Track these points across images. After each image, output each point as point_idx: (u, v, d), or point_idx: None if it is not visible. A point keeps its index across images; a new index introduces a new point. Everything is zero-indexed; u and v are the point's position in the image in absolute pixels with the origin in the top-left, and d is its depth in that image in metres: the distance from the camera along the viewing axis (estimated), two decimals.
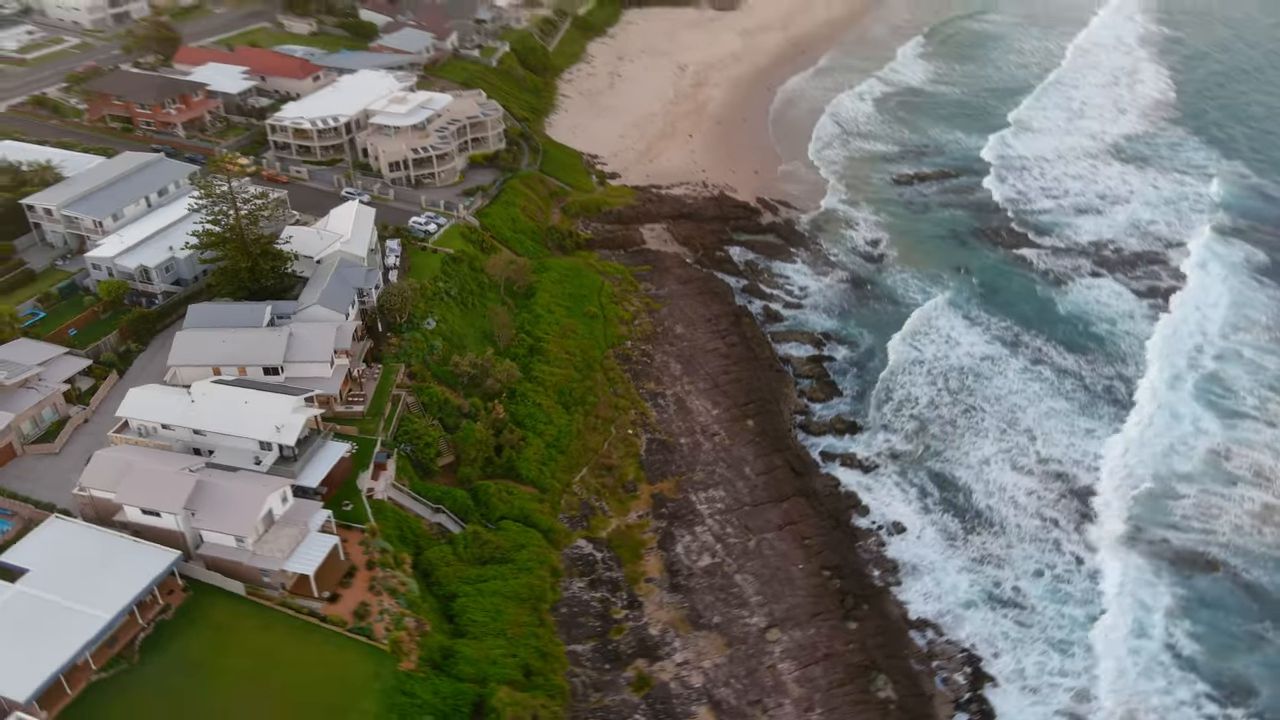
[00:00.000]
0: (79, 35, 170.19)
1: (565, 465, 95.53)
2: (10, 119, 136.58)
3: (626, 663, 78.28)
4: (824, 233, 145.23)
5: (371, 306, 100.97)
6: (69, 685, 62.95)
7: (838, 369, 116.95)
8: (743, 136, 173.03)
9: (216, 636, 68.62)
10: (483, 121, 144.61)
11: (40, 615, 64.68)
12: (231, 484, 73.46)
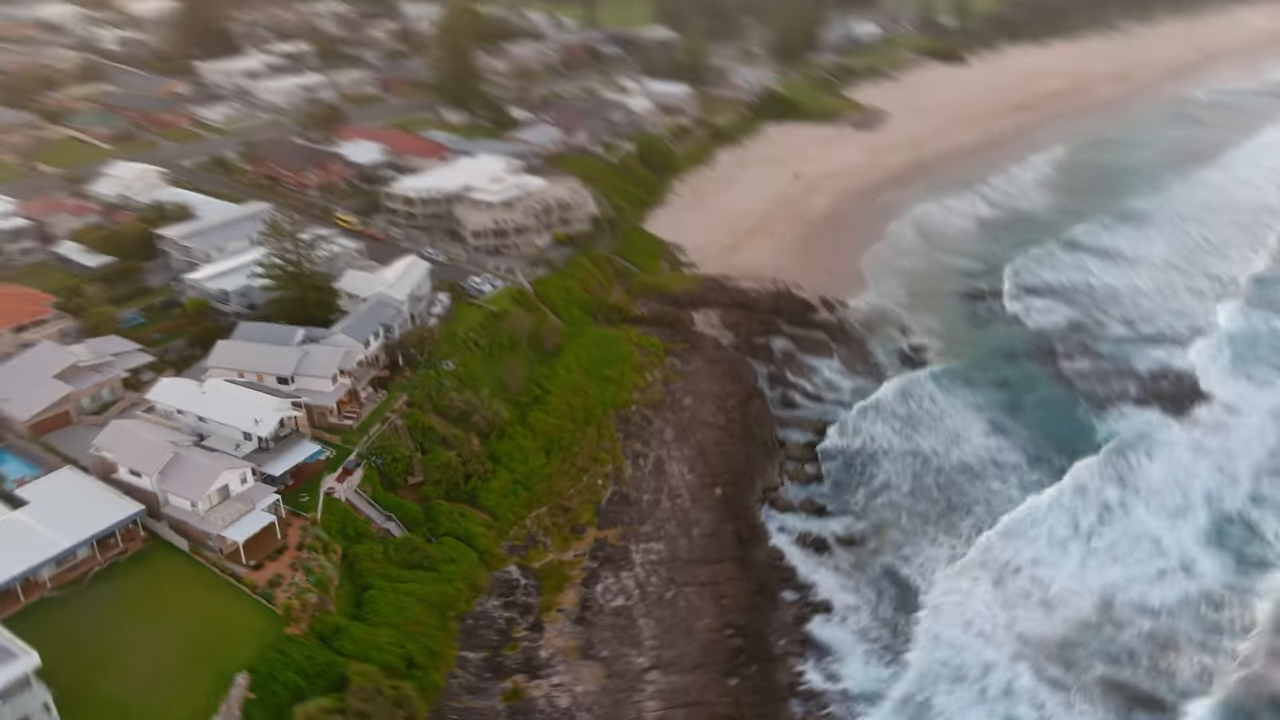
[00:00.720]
0: (273, 113, 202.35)
1: (526, 501, 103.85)
2: (190, 172, 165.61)
3: (507, 675, 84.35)
4: (873, 334, 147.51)
5: (395, 342, 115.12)
6: (23, 594, 77.49)
7: (829, 454, 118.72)
8: (830, 241, 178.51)
9: (152, 580, 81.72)
10: (569, 205, 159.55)
11: (21, 536, 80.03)
12: (201, 460, 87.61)
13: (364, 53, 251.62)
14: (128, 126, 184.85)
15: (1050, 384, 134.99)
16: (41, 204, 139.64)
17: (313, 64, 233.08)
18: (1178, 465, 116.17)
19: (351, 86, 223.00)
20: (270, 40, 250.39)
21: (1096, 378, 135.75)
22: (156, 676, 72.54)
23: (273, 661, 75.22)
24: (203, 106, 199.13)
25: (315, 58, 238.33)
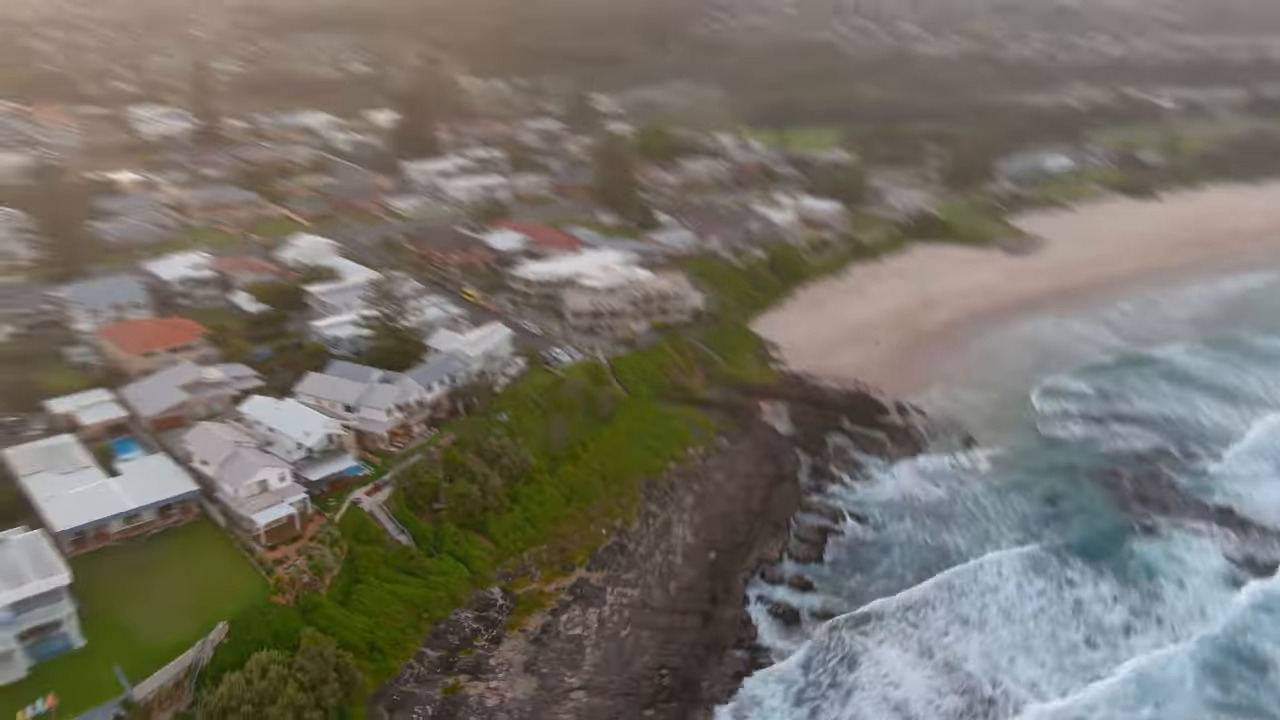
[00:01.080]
0: (452, 207, 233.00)
1: (529, 537, 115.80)
2: (362, 248, 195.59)
3: (454, 674, 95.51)
4: (935, 440, 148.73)
5: (459, 390, 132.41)
6: (95, 542, 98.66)
7: (839, 541, 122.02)
8: (932, 352, 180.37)
9: (190, 544, 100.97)
10: (669, 296, 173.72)
11: (104, 497, 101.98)
12: (252, 458, 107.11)
13: (551, 161, 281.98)
14: (329, 210, 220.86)
15: (1102, 505, 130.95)
16: (230, 262, 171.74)
17: (500, 168, 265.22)
18: (1205, 598, 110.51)
19: (528, 189, 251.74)
20: (471, 146, 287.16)
21: (1156, 505, 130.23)
22: (162, 614, 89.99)
23: (251, 619, 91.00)
24: (396, 198, 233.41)
25: (505, 163, 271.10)
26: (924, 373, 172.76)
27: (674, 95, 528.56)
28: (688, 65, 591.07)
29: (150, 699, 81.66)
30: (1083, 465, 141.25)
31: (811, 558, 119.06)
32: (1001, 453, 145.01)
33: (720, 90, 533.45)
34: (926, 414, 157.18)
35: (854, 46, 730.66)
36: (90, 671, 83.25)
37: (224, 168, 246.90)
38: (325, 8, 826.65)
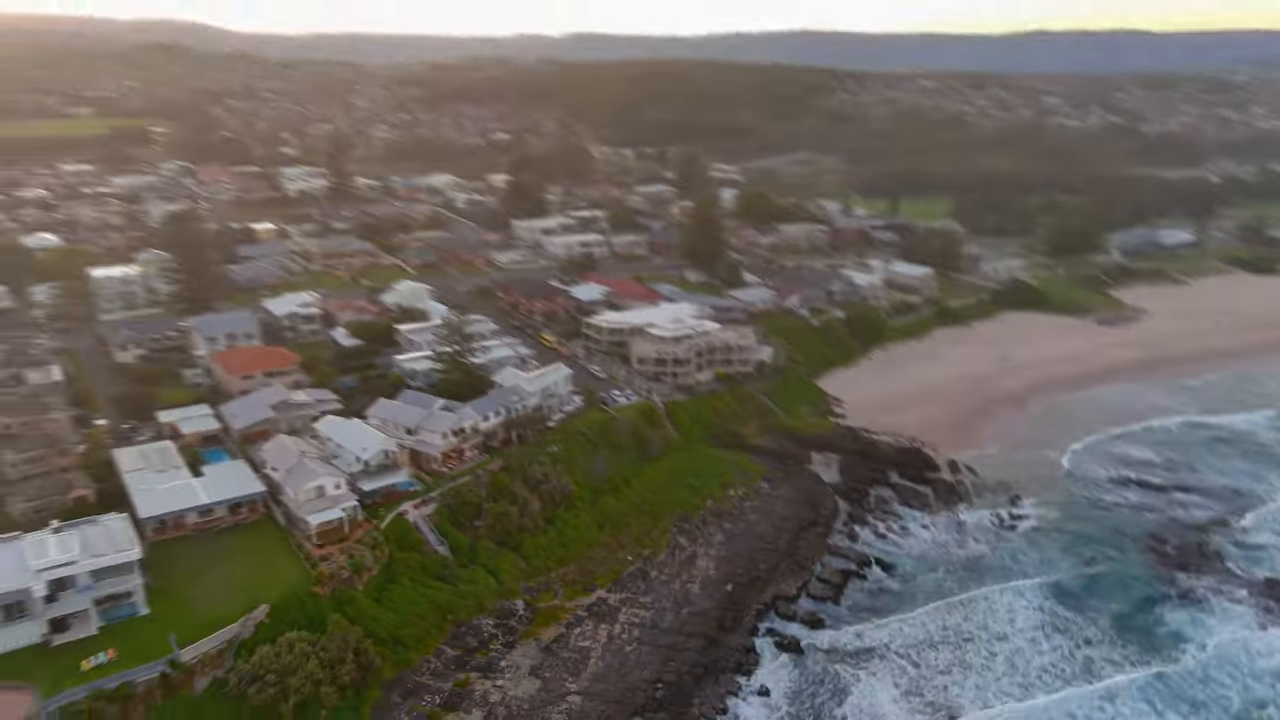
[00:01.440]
0: (549, 260, 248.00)
1: (559, 558, 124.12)
2: (459, 294, 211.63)
3: (467, 671, 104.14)
4: (981, 499, 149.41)
5: (515, 421, 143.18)
6: (174, 530, 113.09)
7: (861, 586, 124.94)
8: (997, 415, 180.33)
9: (253, 538, 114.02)
10: (733, 348, 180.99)
11: (185, 492, 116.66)
12: (313, 466, 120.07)
13: (653, 223, 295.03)
14: (436, 261, 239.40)
15: (1140, 569, 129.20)
16: (336, 302, 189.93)
17: (601, 227, 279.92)
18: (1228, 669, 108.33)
19: (625, 247, 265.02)
20: (578, 207, 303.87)
21: (1198, 573, 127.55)
22: (217, 593, 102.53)
23: (291, 604, 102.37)
24: (499, 251, 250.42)
25: (606, 222, 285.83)
26: (985, 433, 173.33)
27: (795, 164, 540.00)
28: (813, 136, 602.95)
29: (194, 662, 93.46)
30: (1129, 529, 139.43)
31: (829, 598, 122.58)
32: (1049, 513, 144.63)
33: (841, 160, 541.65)
34: (978, 472, 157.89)
35: (987, 119, 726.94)
36: (149, 635, 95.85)
37: (350, 221, 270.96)
38: (477, 80, 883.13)
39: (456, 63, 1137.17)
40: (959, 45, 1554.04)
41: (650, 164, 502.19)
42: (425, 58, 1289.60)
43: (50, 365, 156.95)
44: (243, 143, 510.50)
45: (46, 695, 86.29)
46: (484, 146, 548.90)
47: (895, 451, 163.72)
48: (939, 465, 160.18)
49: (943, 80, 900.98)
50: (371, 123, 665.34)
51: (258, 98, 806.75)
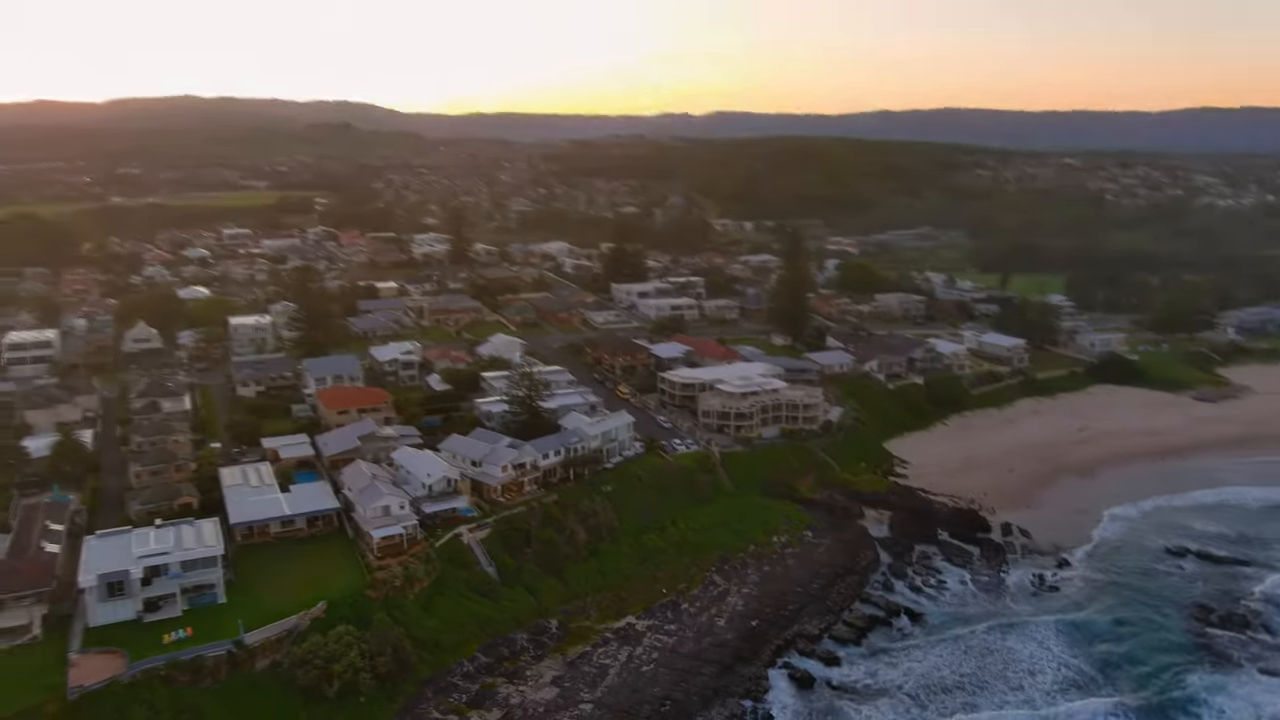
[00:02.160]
0: (639, 321, 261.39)
1: (597, 585, 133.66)
2: (551, 349, 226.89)
3: (495, 676, 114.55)
4: (1028, 560, 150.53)
5: (574, 461, 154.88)
6: (259, 536, 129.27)
7: (887, 632, 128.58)
8: (1065, 483, 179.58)
9: (324, 547, 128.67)
10: (799, 405, 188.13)
11: (271, 504, 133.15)
12: (382, 488, 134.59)
13: (749, 289, 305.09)
14: (535, 318, 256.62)
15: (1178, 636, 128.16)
16: (435, 352, 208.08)
17: (697, 292, 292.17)
18: None
19: (716, 311, 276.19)
20: (677, 273, 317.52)
21: (1238, 644, 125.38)
22: (285, 591, 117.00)
23: (345, 604, 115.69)
24: (595, 312, 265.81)
25: (702, 287, 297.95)
26: (1046, 499, 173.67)
27: (914, 239, 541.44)
28: (938, 211, 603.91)
29: (257, 646, 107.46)
30: (1175, 597, 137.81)
31: (851, 640, 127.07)
32: (1094, 576, 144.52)
33: (963, 235, 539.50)
34: (1031, 535, 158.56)
35: (1131, 197, 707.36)
36: (223, 620, 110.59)
37: (464, 281, 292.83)
38: (614, 157, 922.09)
39: (599, 140, 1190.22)
40: (1114, 123, 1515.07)
41: (766, 236, 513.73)
42: (572, 136, 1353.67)
43: (183, 396, 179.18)
44: (392, 212, 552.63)
45: (134, 660, 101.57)
46: (609, 218, 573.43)
47: (949, 511, 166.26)
48: (991, 526, 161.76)
49: (1090, 158, 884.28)
50: (510, 195, 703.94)
51: (413, 172, 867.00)
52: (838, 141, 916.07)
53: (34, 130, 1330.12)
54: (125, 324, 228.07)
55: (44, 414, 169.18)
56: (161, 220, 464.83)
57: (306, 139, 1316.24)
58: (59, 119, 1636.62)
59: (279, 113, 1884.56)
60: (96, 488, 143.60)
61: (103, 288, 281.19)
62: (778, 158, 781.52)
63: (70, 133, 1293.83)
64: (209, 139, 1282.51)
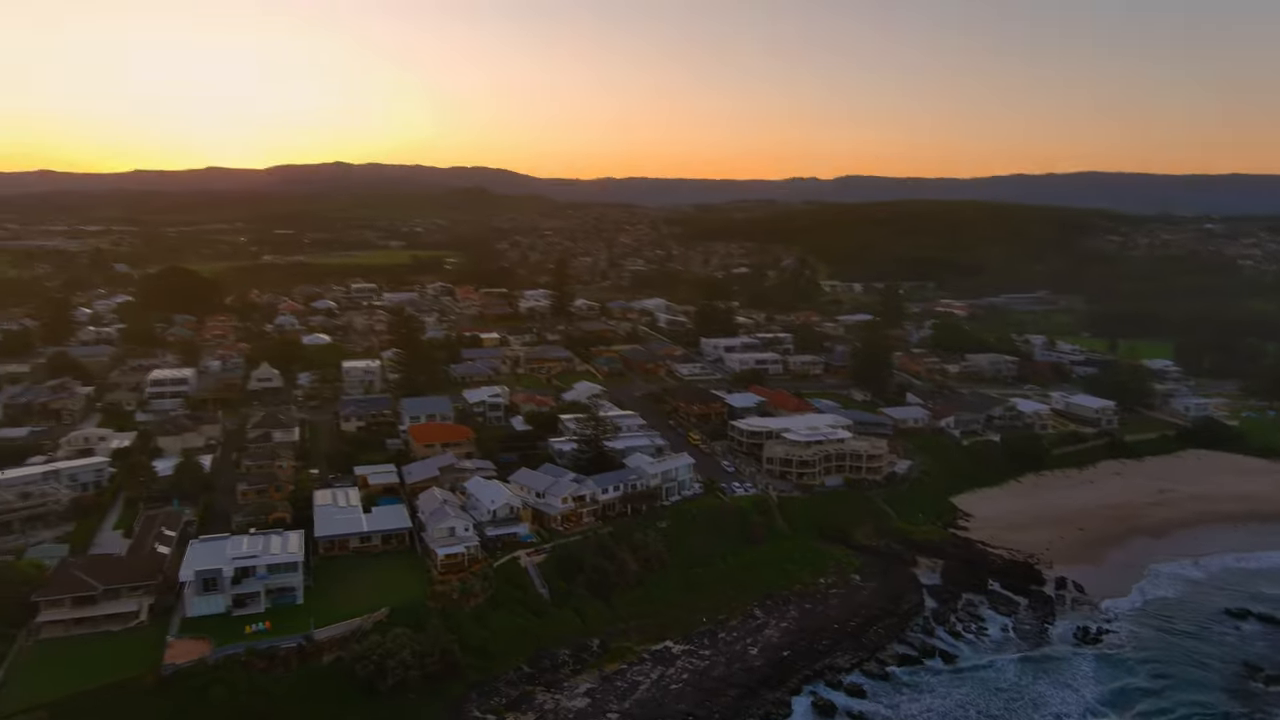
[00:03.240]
0: (723, 374, 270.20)
1: (641, 611, 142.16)
2: (632, 397, 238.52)
3: (535, 685, 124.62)
4: (1077, 613, 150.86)
5: (632, 496, 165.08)
6: (339, 549, 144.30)
7: (916, 671, 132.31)
8: (1134, 544, 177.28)
9: (394, 562, 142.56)
10: (862, 456, 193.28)
11: (352, 521, 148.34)
12: (449, 511, 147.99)
13: (838, 346, 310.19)
14: (622, 369, 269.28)
15: (1216, 691, 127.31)
16: (521, 396, 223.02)
17: (785, 348, 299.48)
18: None
19: (800, 366, 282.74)
20: (767, 329, 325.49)
21: None
22: (355, 597, 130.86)
23: (406, 610, 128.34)
24: (681, 364, 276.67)
25: (790, 343, 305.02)
26: (1108, 556, 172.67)
27: (1030, 302, 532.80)
28: (1058, 276, 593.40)
29: (324, 641, 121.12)
30: (1224, 655, 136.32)
31: (880, 676, 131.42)
32: (1142, 632, 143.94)
33: (1081, 299, 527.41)
34: (1085, 590, 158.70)
35: (1275, 264, 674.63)
36: (299, 618, 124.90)
37: (561, 334, 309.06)
38: (735, 220, 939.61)
39: (722, 204, 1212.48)
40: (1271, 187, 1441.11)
41: (873, 297, 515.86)
42: (696, 200, 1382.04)
43: (293, 428, 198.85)
44: (513, 271, 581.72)
45: (219, 646, 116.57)
46: (719, 278, 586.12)
47: (1004, 564, 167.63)
48: (1046, 580, 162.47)
49: (1236, 224, 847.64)
50: (628, 256, 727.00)
51: (538, 234, 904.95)
52: (962, 205, 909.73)
53: (206, 194, 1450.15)
54: (253, 365, 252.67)
55: (173, 440, 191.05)
56: (304, 276, 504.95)
57: (444, 203, 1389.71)
58: (227, 184, 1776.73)
59: (420, 178, 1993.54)
60: (209, 503, 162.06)
61: (238, 333, 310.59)
62: (898, 221, 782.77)
63: (235, 197, 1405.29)
64: (356, 202, 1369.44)
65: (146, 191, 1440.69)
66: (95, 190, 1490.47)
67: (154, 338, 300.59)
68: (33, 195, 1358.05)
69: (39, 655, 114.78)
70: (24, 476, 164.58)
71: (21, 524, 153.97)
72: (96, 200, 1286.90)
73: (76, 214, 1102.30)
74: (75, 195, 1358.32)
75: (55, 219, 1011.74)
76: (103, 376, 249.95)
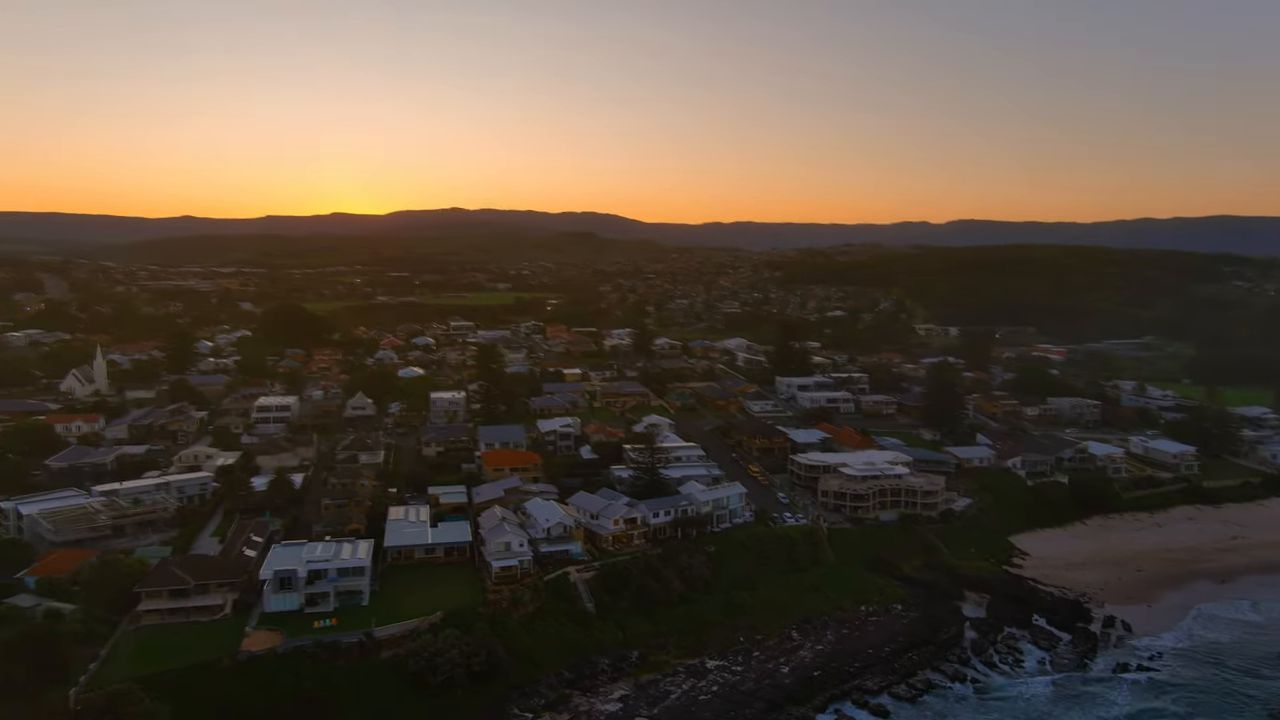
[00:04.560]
0: (794, 410, 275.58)
1: (682, 629, 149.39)
2: (700, 431, 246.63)
3: (573, 689, 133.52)
4: (1119, 650, 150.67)
5: (683, 521, 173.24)
6: (405, 558, 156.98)
7: (943, 695, 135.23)
8: (1193, 587, 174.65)
9: (454, 572, 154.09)
10: (917, 492, 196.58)
11: (419, 533, 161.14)
12: (506, 528, 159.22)
13: (915, 387, 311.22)
14: (694, 404, 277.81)
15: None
16: (593, 427, 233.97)
17: (860, 387, 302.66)
18: None
19: (873, 405, 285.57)
20: (847, 369, 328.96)
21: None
22: (415, 600, 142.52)
23: (458, 615, 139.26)
24: (752, 401, 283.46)
25: (866, 383, 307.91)
26: (1163, 598, 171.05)
27: (1133, 348, 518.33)
28: (1168, 321, 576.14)
29: (383, 639, 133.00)
30: (1267, 698, 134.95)
31: (907, 699, 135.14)
32: (1183, 670, 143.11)
33: (1189, 346, 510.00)
34: (1132, 629, 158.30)
35: None
36: (362, 617, 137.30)
37: (640, 371, 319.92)
38: (839, 264, 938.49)
39: (826, 248, 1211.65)
40: None
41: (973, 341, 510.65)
42: (803, 244, 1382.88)
43: (379, 452, 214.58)
44: (610, 312, 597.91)
45: (289, 637, 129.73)
46: (812, 320, 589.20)
47: (1052, 600, 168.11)
48: (1094, 618, 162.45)
49: None
50: (725, 298, 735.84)
51: (640, 277, 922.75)
52: (1073, 249, 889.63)
53: (330, 238, 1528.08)
54: (350, 395, 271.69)
55: (271, 459, 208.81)
56: (411, 315, 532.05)
57: (552, 247, 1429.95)
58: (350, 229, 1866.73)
59: (532, 223, 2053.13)
60: (296, 515, 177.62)
61: (341, 366, 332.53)
62: (1004, 265, 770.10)
63: (357, 241, 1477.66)
64: (469, 246, 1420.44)
65: (276, 236, 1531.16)
66: (230, 234, 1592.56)
67: (265, 369, 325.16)
68: (175, 240, 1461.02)
69: (137, 638, 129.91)
70: (138, 487, 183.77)
71: (134, 528, 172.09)
72: (231, 244, 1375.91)
73: (213, 256, 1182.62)
74: (212, 239, 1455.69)
75: (193, 261, 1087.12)
76: (216, 402, 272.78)
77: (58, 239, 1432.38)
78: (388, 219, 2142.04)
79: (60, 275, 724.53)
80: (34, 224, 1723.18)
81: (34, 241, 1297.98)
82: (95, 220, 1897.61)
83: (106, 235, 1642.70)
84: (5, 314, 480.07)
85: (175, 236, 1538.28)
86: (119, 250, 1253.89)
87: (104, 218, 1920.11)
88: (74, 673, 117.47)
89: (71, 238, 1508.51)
